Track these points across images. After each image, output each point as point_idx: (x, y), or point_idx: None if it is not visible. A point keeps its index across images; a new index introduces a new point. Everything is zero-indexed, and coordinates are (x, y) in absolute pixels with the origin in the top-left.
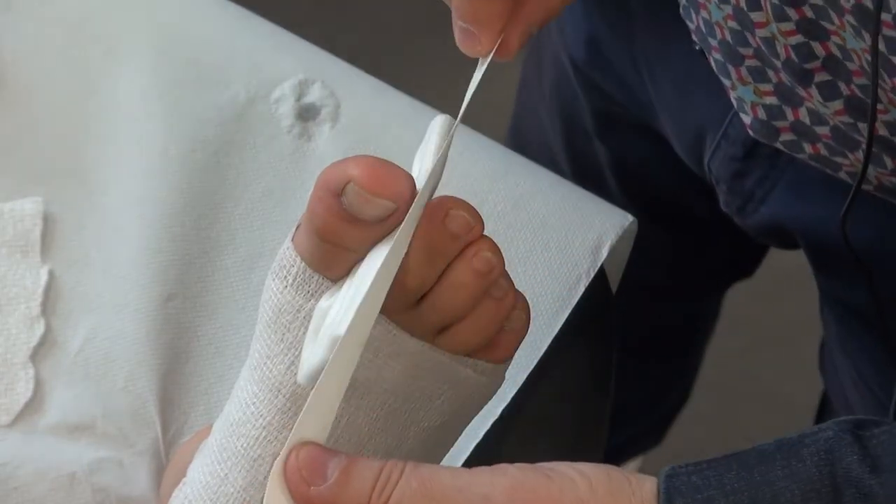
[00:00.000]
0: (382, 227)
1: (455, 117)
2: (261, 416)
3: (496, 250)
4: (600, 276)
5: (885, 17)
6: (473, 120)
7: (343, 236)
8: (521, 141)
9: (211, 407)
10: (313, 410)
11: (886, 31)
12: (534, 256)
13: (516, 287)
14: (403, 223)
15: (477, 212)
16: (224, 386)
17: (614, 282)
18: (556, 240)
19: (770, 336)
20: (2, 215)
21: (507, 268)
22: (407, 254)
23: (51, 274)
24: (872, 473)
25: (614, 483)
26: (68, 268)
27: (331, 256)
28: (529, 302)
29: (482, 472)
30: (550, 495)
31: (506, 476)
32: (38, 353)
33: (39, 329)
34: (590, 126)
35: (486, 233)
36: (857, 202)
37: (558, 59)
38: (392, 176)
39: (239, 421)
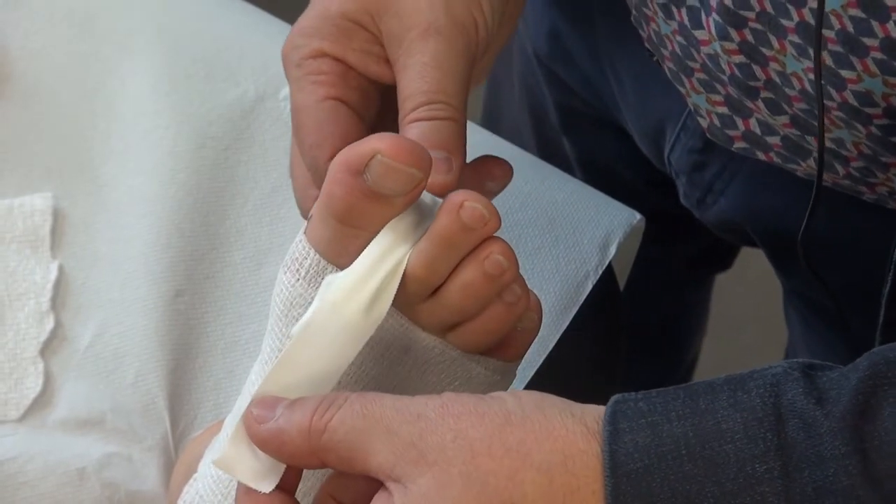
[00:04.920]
0: (404, 203)
1: None
2: None
3: (509, 254)
4: (608, 273)
5: (828, 33)
6: None
7: (364, 215)
8: (494, 132)
9: (220, 402)
10: (282, 368)
11: (832, 46)
12: (542, 253)
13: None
14: (415, 217)
15: (493, 207)
16: (233, 381)
17: (621, 279)
18: (564, 237)
19: (770, 337)
20: (12, 211)
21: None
22: (420, 244)
23: (60, 269)
24: (818, 405)
25: (546, 401)
26: (78, 263)
27: (348, 241)
28: (538, 298)
29: (422, 397)
30: (477, 409)
31: (440, 398)
32: (48, 348)
33: (49, 324)
34: (555, 121)
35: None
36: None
37: (525, 52)
38: (416, 147)
39: None
